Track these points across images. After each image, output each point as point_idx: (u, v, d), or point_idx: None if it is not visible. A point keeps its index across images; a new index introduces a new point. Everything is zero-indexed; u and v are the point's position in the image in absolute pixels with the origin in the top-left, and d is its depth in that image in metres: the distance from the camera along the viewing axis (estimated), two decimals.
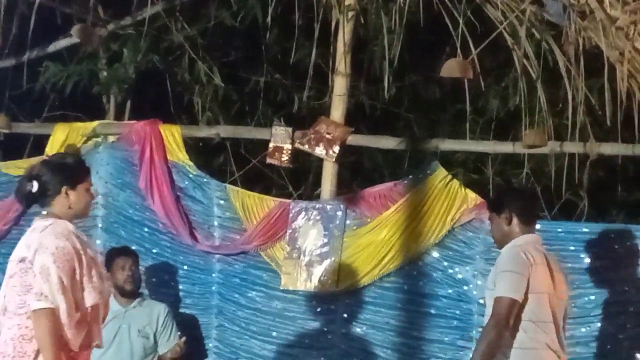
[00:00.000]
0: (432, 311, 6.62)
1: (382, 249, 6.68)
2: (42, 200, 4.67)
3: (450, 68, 5.62)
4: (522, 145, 6.54)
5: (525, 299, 5.13)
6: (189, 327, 7.11)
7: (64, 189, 4.63)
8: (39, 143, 8.04)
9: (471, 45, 5.99)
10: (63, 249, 4.49)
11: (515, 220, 5.37)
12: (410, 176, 6.86)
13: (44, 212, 4.66)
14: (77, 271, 4.53)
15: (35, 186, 4.63)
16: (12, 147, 8.41)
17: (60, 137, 7.71)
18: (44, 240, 4.52)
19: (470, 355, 6.21)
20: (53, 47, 7.96)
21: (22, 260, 4.53)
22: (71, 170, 4.75)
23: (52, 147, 7.72)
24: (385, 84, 6.80)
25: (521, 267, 5.15)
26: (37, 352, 4.45)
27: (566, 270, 6.20)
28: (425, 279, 6.66)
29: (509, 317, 5.08)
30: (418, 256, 6.65)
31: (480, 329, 6.35)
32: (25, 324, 4.47)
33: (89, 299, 4.58)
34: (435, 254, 6.63)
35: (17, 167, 7.66)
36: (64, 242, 4.50)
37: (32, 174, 4.68)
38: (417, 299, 6.67)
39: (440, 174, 6.67)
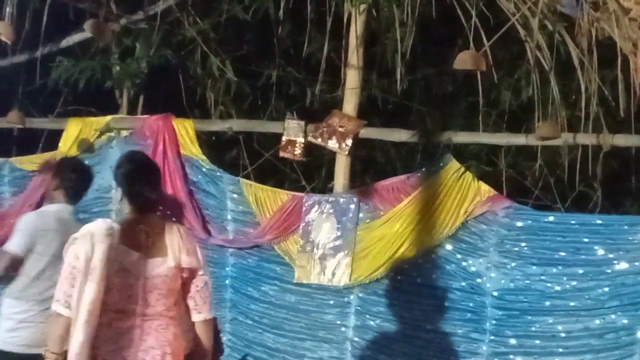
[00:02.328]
0: (446, 304, 6.58)
1: (395, 242, 6.66)
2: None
3: (463, 60, 5.60)
4: (535, 137, 6.51)
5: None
6: None
7: None
8: (53, 138, 8.07)
9: (484, 38, 5.97)
10: None
11: (59, 191, 6.12)
12: (423, 169, 6.84)
13: (160, 213, 4.85)
14: None
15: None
16: (26, 143, 8.44)
17: (74, 132, 7.76)
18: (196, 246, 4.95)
19: (484, 348, 6.31)
20: (66, 43, 7.97)
21: (193, 270, 4.90)
22: None
23: (66, 142, 7.78)
24: (398, 77, 6.78)
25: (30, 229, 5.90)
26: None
27: (580, 262, 6.22)
28: (438, 272, 6.63)
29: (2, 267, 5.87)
30: (431, 249, 6.63)
31: (494, 322, 6.38)
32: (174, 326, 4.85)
33: None
34: (448, 247, 6.60)
35: (31, 163, 7.70)
36: None
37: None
38: (431, 291, 6.64)
39: (453, 166, 6.65)
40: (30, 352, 5.81)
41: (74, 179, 6.16)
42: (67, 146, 7.76)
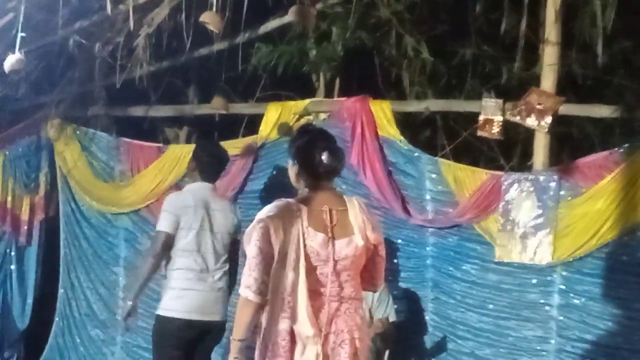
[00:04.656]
0: None
1: (598, 220, 6.55)
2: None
3: None
4: None
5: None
6: (405, 300, 7.21)
7: None
8: (253, 123, 8.27)
9: None
10: None
11: (196, 172, 6.67)
12: (626, 144, 6.67)
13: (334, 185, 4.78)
14: None
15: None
16: (228, 128, 8.69)
17: (273, 116, 7.92)
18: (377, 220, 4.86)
19: None
20: (264, 29, 8.11)
21: (377, 245, 4.72)
22: None
23: (266, 126, 7.95)
24: (599, 51, 6.65)
25: (172, 208, 6.44)
26: None
27: None
28: None
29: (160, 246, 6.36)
30: (636, 226, 6.47)
31: None
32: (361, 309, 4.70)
33: None
34: None
35: (233, 147, 7.88)
36: None
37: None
38: (637, 269, 6.48)
39: None
40: (190, 318, 6.31)
41: (206, 161, 6.67)
42: (267, 130, 7.93)
